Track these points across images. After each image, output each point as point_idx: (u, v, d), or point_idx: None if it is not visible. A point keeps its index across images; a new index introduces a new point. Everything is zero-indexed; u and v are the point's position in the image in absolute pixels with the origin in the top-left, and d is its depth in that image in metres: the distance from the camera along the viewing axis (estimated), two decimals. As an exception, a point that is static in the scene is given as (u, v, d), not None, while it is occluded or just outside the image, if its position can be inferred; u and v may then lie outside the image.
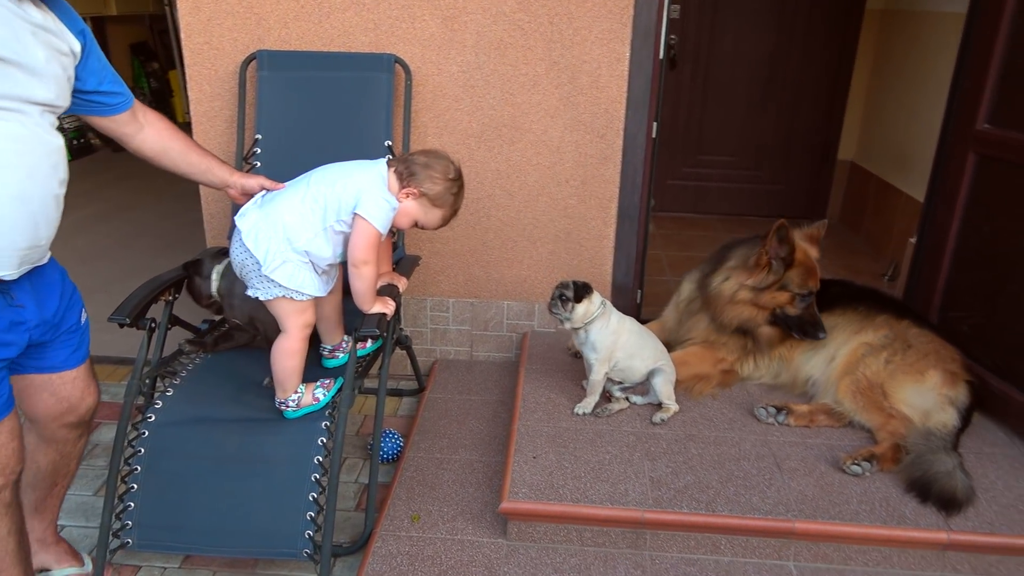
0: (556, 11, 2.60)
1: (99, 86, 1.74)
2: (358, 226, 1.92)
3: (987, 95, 2.48)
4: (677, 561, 2.03)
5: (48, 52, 1.53)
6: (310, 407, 2.06)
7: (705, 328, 2.55)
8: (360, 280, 1.98)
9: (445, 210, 2.03)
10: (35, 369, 1.77)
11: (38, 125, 1.52)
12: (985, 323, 2.49)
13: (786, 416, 2.37)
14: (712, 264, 2.56)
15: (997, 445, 2.35)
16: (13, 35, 1.45)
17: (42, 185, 1.55)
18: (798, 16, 4.39)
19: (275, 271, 1.91)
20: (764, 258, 2.37)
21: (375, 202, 1.91)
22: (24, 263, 1.58)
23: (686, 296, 2.64)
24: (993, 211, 2.47)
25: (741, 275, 2.42)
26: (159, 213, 5.16)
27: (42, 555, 2.03)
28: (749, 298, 2.41)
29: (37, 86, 1.50)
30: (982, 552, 1.99)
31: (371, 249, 1.94)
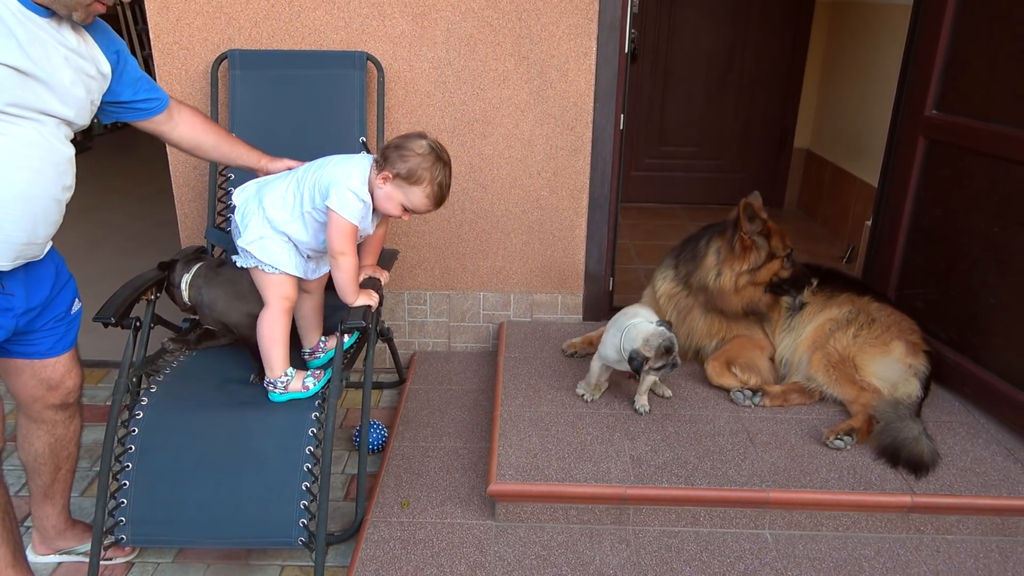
0: (524, 7, 2.67)
1: (135, 95, 1.90)
2: (330, 218, 1.98)
3: (934, 83, 2.61)
4: (659, 534, 2.12)
5: (75, 75, 1.67)
6: (297, 394, 2.08)
7: (714, 323, 2.60)
8: (339, 271, 2.03)
9: (425, 186, 1.96)
10: (20, 354, 1.85)
11: (52, 135, 1.65)
12: (939, 299, 2.63)
13: (762, 397, 2.46)
14: (687, 262, 2.61)
15: (954, 414, 2.49)
16: (46, 56, 1.59)
17: (46, 188, 1.65)
18: (752, 9, 4.53)
19: (250, 244, 2.02)
20: (747, 240, 2.47)
21: (341, 195, 1.96)
22: (20, 258, 1.67)
23: (664, 291, 2.67)
24: (942, 192, 2.61)
25: (732, 264, 2.50)
26: (127, 214, 5.10)
27: (60, 541, 2.13)
28: (749, 281, 2.51)
29: (56, 102, 1.63)
30: (943, 513, 2.11)
31: (345, 240, 1.99)
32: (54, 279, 1.84)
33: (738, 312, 2.55)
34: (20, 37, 1.54)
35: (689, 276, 2.59)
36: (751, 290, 2.53)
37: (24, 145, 1.59)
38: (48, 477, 2.03)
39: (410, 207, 2.02)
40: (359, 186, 1.99)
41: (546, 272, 3.02)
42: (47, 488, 2.05)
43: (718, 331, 2.61)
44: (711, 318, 2.59)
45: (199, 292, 2.22)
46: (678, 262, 2.66)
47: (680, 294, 2.64)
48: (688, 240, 2.69)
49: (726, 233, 2.52)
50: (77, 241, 4.43)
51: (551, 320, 3.10)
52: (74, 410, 2.03)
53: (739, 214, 2.44)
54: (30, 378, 1.89)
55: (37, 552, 2.12)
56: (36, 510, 2.08)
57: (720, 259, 2.52)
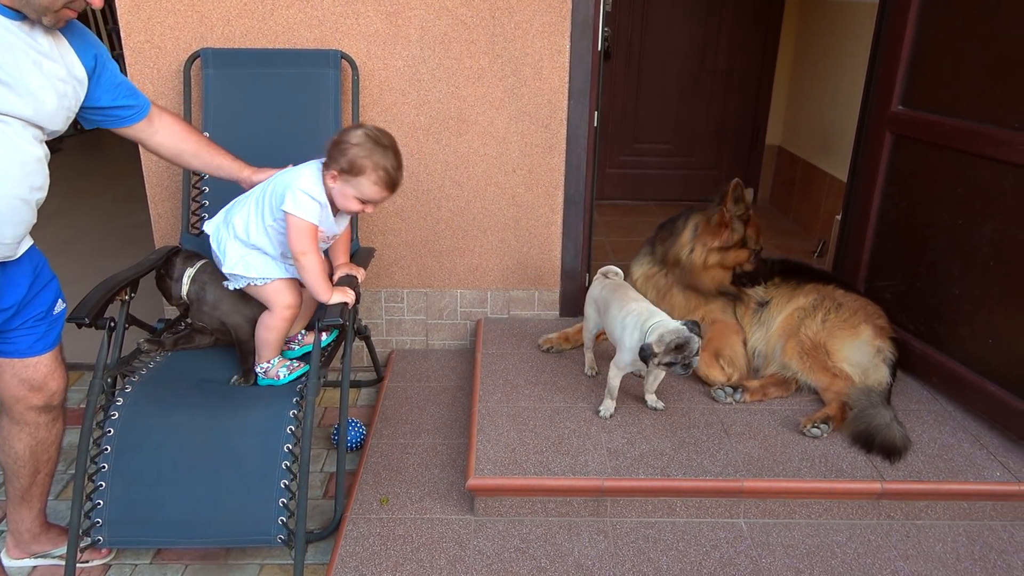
0: (497, 6, 2.68)
1: (114, 101, 1.88)
2: (287, 221, 2.02)
3: (899, 79, 2.67)
4: (637, 525, 2.15)
5: (45, 79, 1.65)
6: (273, 381, 2.16)
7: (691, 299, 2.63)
8: (304, 271, 2.06)
9: (369, 174, 1.95)
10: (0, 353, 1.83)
11: (17, 135, 1.62)
12: (907, 290, 2.69)
13: (742, 393, 2.49)
14: (664, 240, 2.65)
15: (921, 402, 2.55)
16: (13, 59, 1.59)
17: (11, 188, 1.63)
18: (725, 7, 4.59)
19: (234, 267, 2.11)
20: (726, 216, 2.50)
21: (294, 196, 2.00)
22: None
23: (641, 274, 2.71)
24: (909, 187, 2.67)
25: (706, 239, 2.53)
26: (96, 217, 5.04)
27: (35, 545, 2.11)
28: (718, 261, 2.55)
29: (21, 104, 1.61)
30: (912, 499, 2.17)
31: (305, 240, 2.02)
32: (31, 279, 1.82)
33: (710, 290, 2.60)
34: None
35: (666, 253, 2.63)
36: (718, 271, 2.57)
37: None
38: (27, 480, 2.01)
39: (365, 198, 2.02)
40: (311, 186, 2.02)
41: (522, 269, 3.04)
42: (24, 491, 2.03)
43: (695, 308, 2.63)
44: (688, 294, 2.63)
45: (202, 288, 2.23)
46: (654, 245, 2.70)
47: (658, 274, 2.67)
48: (664, 224, 2.73)
49: (707, 210, 2.56)
50: (50, 242, 4.35)
51: (528, 317, 3.12)
52: (57, 413, 2.01)
53: (728, 190, 2.48)
54: (11, 378, 1.87)
55: (11, 556, 2.10)
56: (11, 514, 2.06)
57: (696, 235, 2.55)
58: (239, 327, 2.21)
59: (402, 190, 2.88)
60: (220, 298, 2.22)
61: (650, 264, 2.70)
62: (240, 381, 2.18)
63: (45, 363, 1.91)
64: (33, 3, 1.57)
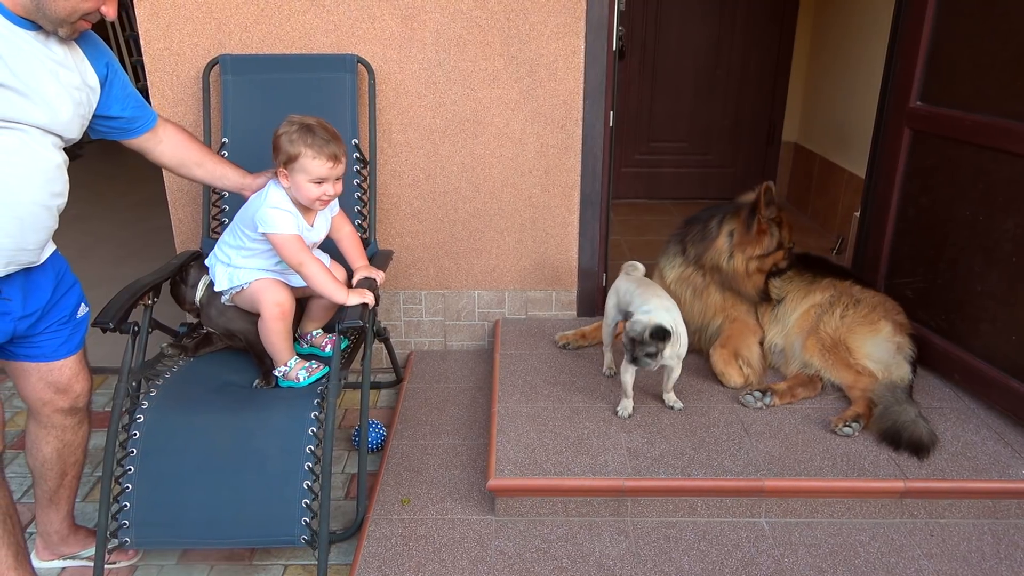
0: (512, 7, 2.69)
1: (122, 112, 1.90)
2: (271, 241, 2.09)
3: (918, 74, 2.65)
4: (657, 525, 2.15)
5: (61, 88, 1.68)
6: (293, 383, 2.20)
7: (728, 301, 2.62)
8: (310, 279, 2.12)
9: (305, 151, 2.00)
10: (25, 357, 1.87)
11: (37, 142, 1.65)
12: (927, 287, 2.67)
13: (771, 397, 2.46)
14: (697, 243, 2.62)
15: (944, 400, 2.53)
16: (29, 70, 1.61)
17: (32, 194, 1.66)
18: (739, 4, 4.57)
19: (221, 284, 2.21)
20: (764, 224, 2.49)
21: (265, 216, 2.07)
22: (11, 264, 1.68)
23: (675, 276, 2.68)
24: (928, 182, 2.65)
25: (745, 248, 2.52)
26: (115, 223, 5.10)
27: (64, 547, 2.15)
28: (758, 267, 2.55)
29: (40, 113, 1.64)
30: (936, 497, 2.15)
31: (296, 251, 2.08)
32: (55, 284, 1.85)
33: (753, 297, 2.60)
34: (2, 51, 1.56)
35: (700, 256, 2.61)
36: (759, 277, 2.57)
37: (6, 152, 1.60)
38: (54, 483, 2.05)
39: (315, 178, 2.04)
40: (278, 200, 2.09)
41: (540, 269, 3.05)
42: (52, 494, 2.06)
43: (732, 306, 2.62)
44: (727, 295, 2.61)
45: (211, 296, 2.27)
46: (685, 245, 2.67)
47: (694, 275, 2.64)
48: (691, 221, 2.71)
49: (740, 215, 2.55)
50: (71, 247, 4.41)
51: (545, 317, 3.13)
52: (83, 416, 2.04)
53: (759, 197, 2.46)
54: (37, 381, 1.90)
55: (41, 558, 2.13)
56: (41, 516, 2.10)
57: (733, 242, 2.54)
58: (246, 332, 2.25)
59: (419, 192, 2.91)
60: (225, 306, 2.26)
61: (683, 265, 2.67)
62: (262, 384, 2.20)
63: (70, 366, 1.94)
64: (49, 15, 1.60)
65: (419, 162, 2.87)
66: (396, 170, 2.88)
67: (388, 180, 2.88)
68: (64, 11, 1.60)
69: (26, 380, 1.91)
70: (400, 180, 2.89)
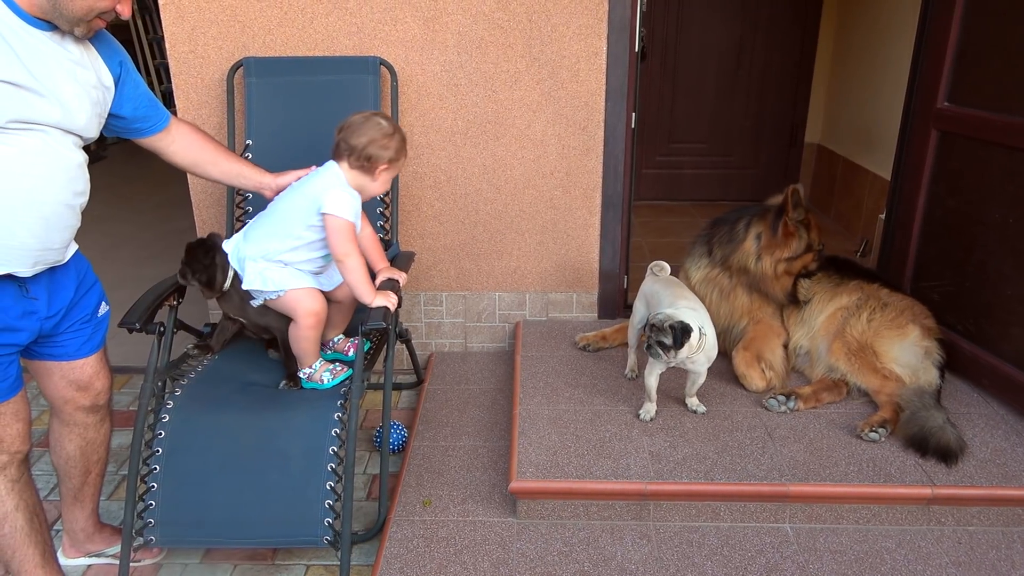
0: (534, 9, 2.69)
1: (135, 111, 1.89)
2: (328, 224, 2.05)
3: (945, 75, 2.62)
4: (680, 529, 2.14)
5: (78, 87, 1.68)
6: (317, 385, 2.20)
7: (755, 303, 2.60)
8: (349, 273, 2.09)
9: (404, 159, 2.17)
10: (48, 356, 1.89)
11: (58, 142, 1.66)
12: (955, 290, 2.63)
13: (795, 401, 2.43)
14: (723, 244, 2.60)
15: (972, 405, 2.49)
16: (47, 71, 1.62)
17: (56, 194, 1.68)
18: (761, 5, 4.53)
19: (252, 283, 2.14)
20: (791, 227, 2.47)
21: (336, 196, 2.04)
22: (39, 263, 1.70)
23: (700, 277, 2.66)
24: (956, 184, 2.61)
25: (773, 251, 2.50)
26: (138, 224, 5.16)
27: (89, 545, 2.17)
28: (786, 269, 2.53)
29: (59, 114, 1.64)
30: (964, 504, 2.12)
31: (347, 241, 2.05)
32: (77, 283, 1.87)
33: (780, 299, 2.58)
34: (20, 52, 1.56)
35: (727, 258, 2.59)
36: (787, 279, 2.55)
37: (30, 154, 1.60)
38: (78, 480, 2.07)
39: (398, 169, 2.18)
40: (345, 183, 2.08)
41: (560, 271, 3.04)
42: (77, 491, 2.09)
43: (758, 308, 2.60)
44: (754, 297, 2.59)
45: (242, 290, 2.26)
46: (711, 246, 2.65)
47: (720, 276, 2.62)
48: (718, 222, 2.68)
49: (767, 218, 2.52)
50: (94, 247, 4.46)
51: (566, 319, 3.12)
52: (104, 413, 2.06)
53: (787, 199, 2.44)
54: (60, 379, 1.93)
55: (67, 556, 2.15)
56: (66, 513, 2.12)
57: (760, 244, 2.52)
58: (281, 329, 2.25)
59: (440, 194, 2.91)
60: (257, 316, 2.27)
61: (709, 266, 2.65)
62: (289, 385, 2.22)
63: (91, 364, 1.96)
64: (65, 14, 1.60)
65: (440, 164, 2.88)
66: (418, 172, 2.88)
67: (410, 182, 2.89)
68: (81, 10, 1.61)
69: (48, 379, 1.93)
70: (422, 182, 2.90)
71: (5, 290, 1.68)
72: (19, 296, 1.71)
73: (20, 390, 1.78)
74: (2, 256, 1.62)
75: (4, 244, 1.61)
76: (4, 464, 1.78)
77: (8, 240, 1.61)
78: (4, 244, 1.61)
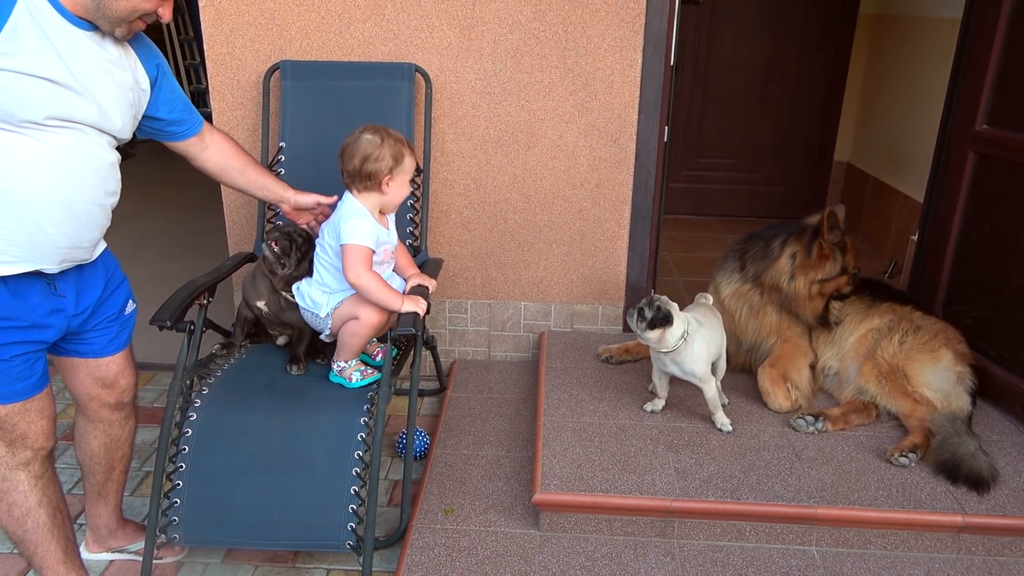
0: (570, 20, 2.69)
1: (169, 115, 1.91)
2: (343, 253, 2.09)
3: (985, 97, 2.59)
4: (704, 548, 2.11)
5: (116, 88, 1.70)
6: (344, 381, 2.21)
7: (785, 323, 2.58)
8: (368, 294, 2.11)
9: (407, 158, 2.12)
10: (75, 353, 1.90)
11: (93, 142, 1.68)
12: (989, 316, 2.59)
13: (824, 422, 2.39)
14: (757, 261, 2.58)
15: (1004, 433, 2.44)
16: (86, 69, 1.63)
17: (88, 193, 1.69)
18: (793, 22, 4.51)
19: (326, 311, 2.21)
20: (826, 249, 2.45)
21: (348, 227, 2.07)
22: (66, 261, 1.71)
23: (730, 292, 2.64)
24: (993, 207, 2.57)
25: (807, 271, 2.47)
26: (166, 222, 5.21)
27: (112, 540, 2.18)
28: (819, 291, 2.50)
29: (96, 113, 1.66)
30: (996, 534, 2.08)
31: (357, 265, 2.07)
32: (105, 281, 1.89)
33: (811, 321, 2.55)
34: (61, 50, 1.57)
35: (760, 275, 2.56)
36: (820, 301, 2.52)
37: (65, 152, 1.62)
38: (102, 476, 2.08)
39: (411, 174, 2.15)
40: (357, 211, 2.10)
41: (587, 283, 3.03)
42: (101, 487, 2.10)
43: (788, 327, 2.57)
44: (784, 315, 2.56)
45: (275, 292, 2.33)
46: (744, 261, 2.62)
47: (751, 292, 2.59)
48: (753, 237, 2.66)
49: (803, 238, 2.50)
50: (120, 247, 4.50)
51: (591, 331, 3.11)
52: (129, 410, 2.08)
53: (822, 221, 2.42)
54: (85, 376, 1.94)
55: (90, 551, 2.16)
56: (90, 509, 2.13)
57: (795, 264, 2.49)
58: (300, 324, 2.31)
59: (469, 202, 2.91)
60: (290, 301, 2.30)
61: (740, 281, 2.62)
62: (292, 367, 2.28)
63: (117, 362, 1.97)
64: (108, 15, 1.62)
65: (471, 172, 2.88)
66: (448, 179, 2.89)
67: (439, 189, 2.89)
68: (124, 11, 1.62)
69: (74, 375, 1.94)
70: (451, 189, 2.90)
71: (33, 287, 1.69)
72: (47, 293, 1.72)
73: (46, 387, 1.79)
74: (30, 253, 1.63)
75: (33, 241, 1.62)
76: (28, 460, 1.79)
77: (38, 237, 1.62)
78: (33, 241, 1.62)
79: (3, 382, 1.69)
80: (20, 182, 1.57)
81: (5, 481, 1.79)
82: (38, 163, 1.58)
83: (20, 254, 1.62)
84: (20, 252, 1.61)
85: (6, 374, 1.69)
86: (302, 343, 2.33)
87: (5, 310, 1.65)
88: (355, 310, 2.15)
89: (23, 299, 1.67)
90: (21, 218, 1.59)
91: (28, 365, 1.72)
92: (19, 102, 1.52)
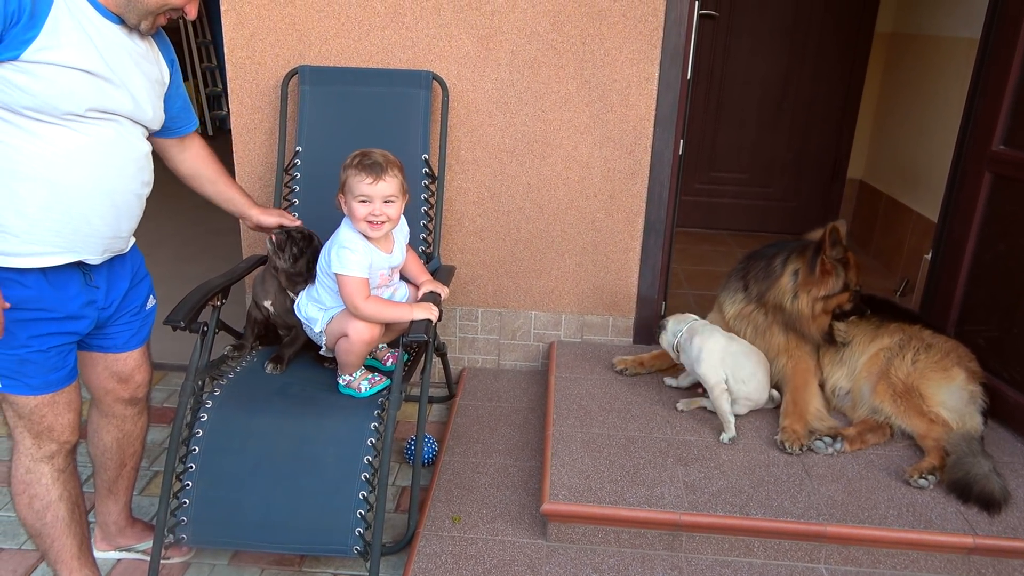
0: (588, 32, 2.70)
1: (169, 110, 1.93)
2: (338, 282, 2.09)
3: (1002, 117, 2.58)
4: (712, 563, 2.10)
5: (145, 79, 1.74)
6: (353, 392, 2.20)
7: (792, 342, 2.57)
8: (373, 320, 2.11)
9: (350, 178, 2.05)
10: (97, 347, 1.92)
11: (130, 133, 1.73)
12: (1002, 336, 2.58)
13: (841, 443, 2.36)
14: (759, 281, 2.57)
15: (1016, 455, 2.43)
16: (120, 61, 1.67)
17: (127, 184, 1.74)
18: (809, 39, 4.52)
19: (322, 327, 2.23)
20: (829, 265, 2.44)
21: (339, 256, 2.07)
22: (107, 251, 1.76)
23: (734, 312, 2.64)
24: (1009, 228, 2.56)
25: (810, 288, 2.46)
26: (179, 222, 5.22)
27: (120, 539, 2.18)
28: (822, 308, 2.48)
29: (132, 105, 1.71)
30: (1006, 556, 2.06)
31: (354, 294, 2.07)
32: (132, 274, 1.92)
33: (816, 339, 2.53)
34: (98, 43, 1.61)
35: (763, 295, 2.55)
36: (824, 318, 2.50)
37: (105, 143, 1.66)
38: (113, 472, 2.09)
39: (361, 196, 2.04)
40: (348, 237, 2.09)
41: (598, 294, 3.03)
42: (112, 483, 2.10)
43: (795, 347, 2.55)
44: (790, 336, 2.55)
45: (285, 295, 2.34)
46: (747, 281, 2.61)
47: (755, 312, 2.58)
48: (754, 257, 2.65)
49: (805, 254, 2.48)
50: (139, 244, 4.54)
51: (601, 342, 3.10)
52: (142, 407, 2.09)
53: (825, 237, 2.41)
54: (103, 371, 1.95)
55: (98, 548, 2.16)
56: (100, 506, 2.14)
57: (797, 281, 2.48)
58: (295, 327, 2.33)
59: (483, 210, 2.92)
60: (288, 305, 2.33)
61: (744, 302, 2.61)
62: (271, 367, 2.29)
63: (135, 357, 1.99)
64: (138, 7, 1.65)
65: (485, 180, 2.89)
66: (462, 187, 2.90)
67: (453, 196, 2.90)
68: (154, 4, 1.67)
69: (92, 369, 1.95)
70: (465, 197, 2.91)
71: (72, 279, 1.72)
72: (84, 285, 1.75)
73: (75, 380, 1.81)
74: (76, 243, 1.67)
75: (79, 231, 1.66)
76: (53, 453, 1.80)
77: (83, 227, 1.66)
78: (79, 231, 1.66)
79: (38, 373, 1.71)
80: (65, 174, 1.61)
81: (29, 473, 1.80)
82: (81, 155, 1.62)
83: (64, 244, 1.65)
84: (64, 243, 1.65)
85: (42, 365, 1.71)
86: (293, 346, 2.36)
87: (44, 301, 1.68)
88: (344, 327, 2.13)
89: (62, 290, 1.70)
90: (67, 209, 1.63)
91: (62, 357, 1.75)
92: (63, 95, 1.55)
